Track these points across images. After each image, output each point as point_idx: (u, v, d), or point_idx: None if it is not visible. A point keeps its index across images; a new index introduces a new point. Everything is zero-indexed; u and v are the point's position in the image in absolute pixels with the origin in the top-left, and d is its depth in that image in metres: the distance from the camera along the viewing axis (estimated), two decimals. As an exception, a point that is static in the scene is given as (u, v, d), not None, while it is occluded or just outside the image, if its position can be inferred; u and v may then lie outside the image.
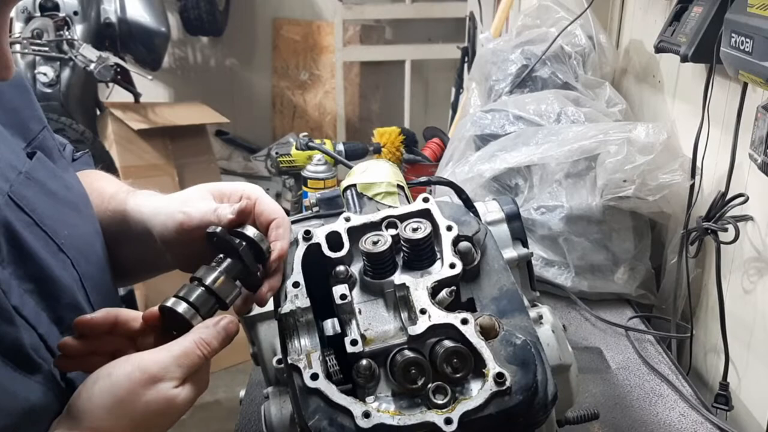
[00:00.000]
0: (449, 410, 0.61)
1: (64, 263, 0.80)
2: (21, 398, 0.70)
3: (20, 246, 0.75)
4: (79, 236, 0.85)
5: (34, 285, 0.76)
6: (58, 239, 0.80)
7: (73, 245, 0.82)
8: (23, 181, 0.79)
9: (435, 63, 4.32)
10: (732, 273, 1.33)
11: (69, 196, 0.87)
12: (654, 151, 1.42)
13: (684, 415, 1.17)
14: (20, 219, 0.76)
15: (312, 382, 0.63)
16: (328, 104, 4.50)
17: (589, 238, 1.51)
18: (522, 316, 0.68)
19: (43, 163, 0.84)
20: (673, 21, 1.44)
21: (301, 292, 0.69)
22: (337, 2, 4.13)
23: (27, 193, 0.78)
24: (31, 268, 0.76)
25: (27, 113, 0.86)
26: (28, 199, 0.78)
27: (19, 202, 0.76)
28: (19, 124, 0.84)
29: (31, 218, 0.77)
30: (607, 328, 1.44)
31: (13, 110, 0.84)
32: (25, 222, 0.76)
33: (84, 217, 0.89)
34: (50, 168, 0.85)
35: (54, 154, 0.89)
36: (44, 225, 0.79)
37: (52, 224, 0.80)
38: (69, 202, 0.86)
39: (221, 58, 4.62)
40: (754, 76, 1.05)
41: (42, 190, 0.81)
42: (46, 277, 0.77)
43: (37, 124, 0.87)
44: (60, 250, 0.80)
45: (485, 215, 0.88)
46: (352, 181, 0.86)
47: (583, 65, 1.79)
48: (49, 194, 0.82)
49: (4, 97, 0.83)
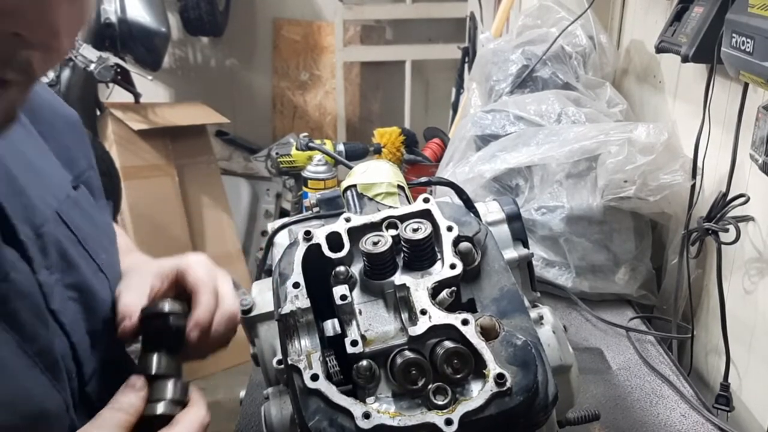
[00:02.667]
0: (450, 411, 0.61)
1: (102, 282, 0.84)
2: (37, 401, 0.70)
3: (67, 257, 0.78)
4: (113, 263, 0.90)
5: (77, 294, 0.79)
6: (98, 260, 0.85)
7: (109, 270, 0.87)
8: (69, 203, 0.83)
9: (435, 63, 4.32)
10: (733, 273, 1.33)
11: (105, 228, 0.92)
12: (655, 151, 1.42)
13: (685, 415, 1.17)
14: (66, 235, 0.80)
15: (312, 383, 0.62)
16: (328, 104, 4.50)
17: (590, 239, 1.51)
18: (523, 317, 0.68)
19: (85, 195, 0.89)
20: (674, 21, 1.44)
21: (301, 293, 0.69)
22: (338, 2, 4.13)
23: (72, 214, 0.82)
24: (75, 278, 0.79)
25: (77, 152, 0.91)
26: (73, 219, 0.82)
27: (66, 219, 0.81)
28: (69, 160, 0.89)
29: (75, 236, 0.81)
30: (608, 329, 1.44)
31: (65, 146, 0.89)
32: (70, 239, 0.80)
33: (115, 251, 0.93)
34: (92, 201, 0.90)
35: (95, 194, 0.93)
36: (86, 245, 0.83)
37: (93, 246, 0.84)
38: (105, 232, 0.91)
39: (221, 58, 4.62)
40: (754, 77, 1.05)
41: (84, 215, 0.86)
42: (87, 289, 0.80)
43: (85, 163, 0.92)
44: (99, 270, 0.84)
45: (486, 216, 0.88)
46: (353, 182, 0.86)
47: (584, 65, 1.78)
48: (90, 220, 0.87)
49: (59, 134, 0.89)
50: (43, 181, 0.81)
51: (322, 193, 0.92)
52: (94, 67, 2.82)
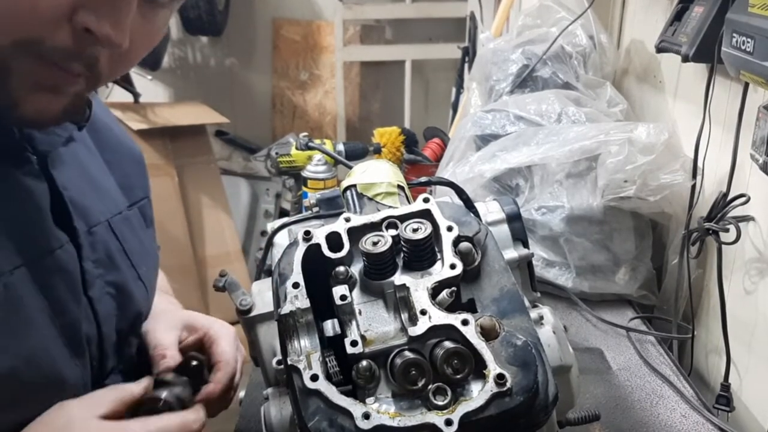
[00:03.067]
0: (449, 411, 0.61)
1: (140, 289, 0.93)
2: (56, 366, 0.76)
3: (112, 257, 0.87)
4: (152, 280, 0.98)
5: (116, 292, 0.87)
6: (139, 270, 0.93)
7: (148, 281, 0.96)
8: (121, 219, 0.93)
9: (435, 63, 4.32)
10: (733, 273, 1.33)
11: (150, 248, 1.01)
12: (655, 151, 1.42)
13: (685, 416, 1.17)
14: (113, 242, 0.89)
15: (312, 383, 0.62)
16: (328, 104, 4.50)
17: (590, 239, 1.51)
18: (523, 317, 0.67)
19: (137, 217, 0.98)
20: (674, 21, 1.44)
21: (301, 293, 0.69)
22: (337, 2, 4.13)
23: (121, 227, 0.92)
24: (117, 277, 0.88)
25: (136, 181, 1.01)
26: (121, 232, 0.92)
27: (115, 230, 0.90)
28: (128, 187, 0.98)
29: (121, 246, 0.91)
30: (608, 329, 1.43)
31: (126, 174, 0.98)
32: (116, 246, 0.90)
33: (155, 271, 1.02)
34: (142, 224, 0.99)
35: (147, 221, 1.02)
36: (131, 255, 0.92)
37: (136, 258, 0.93)
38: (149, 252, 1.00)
39: (221, 58, 4.62)
40: (755, 76, 1.04)
41: (132, 232, 0.95)
42: (126, 290, 0.89)
43: (141, 192, 1.01)
44: (139, 279, 0.93)
45: (486, 216, 0.87)
46: (352, 182, 0.85)
47: (584, 65, 1.78)
48: (137, 237, 0.96)
49: (122, 163, 0.98)
50: (101, 194, 0.90)
51: (322, 193, 0.91)
52: (93, 67, 2.81)
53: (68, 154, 0.85)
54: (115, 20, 0.66)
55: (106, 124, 0.98)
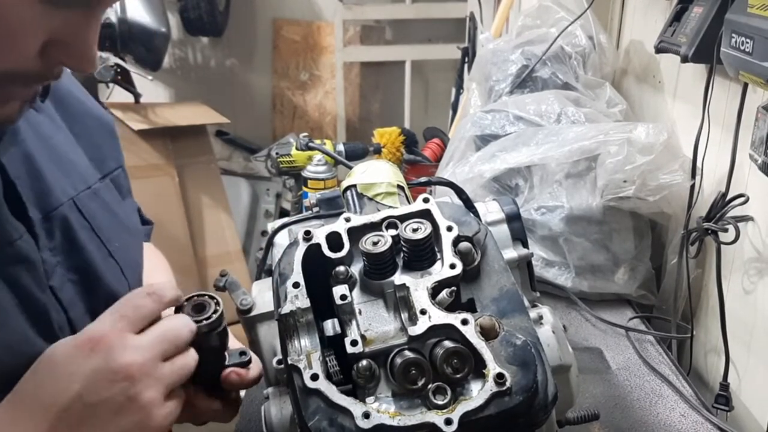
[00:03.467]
0: (449, 411, 0.61)
1: (114, 268, 0.89)
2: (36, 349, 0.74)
3: (73, 240, 0.83)
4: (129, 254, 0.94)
5: (78, 276, 0.84)
6: (110, 246, 0.89)
7: (122, 257, 0.91)
8: (89, 194, 0.89)
9: (435, 63, 4.32)
10: (732, 273, 1.33)
11: (127, 222, 0.97)
12: (654, 151, 1.42)
13: (684, 415, 1.17)
14: (78, 221, 0.85)
15: (312, 383, 0.63)
16: (328, 104, 4.50)
17: (590, 239, 1.51)
18: (522, 317, 0.68)
19: (110, 189, 0.94)
20: (674, 21, 1.44)
21: (301, 293, 0.69)
22: (337, 2, 4.13)
23: (90, 205, 0.88)
24: (79, 261, 0.84)
25: (108, 152, 0.97)
26: (89, 209, 0.87)
27: (81, 208, 0.86)
28: (99, 158, 0.94)
29: (88, 223, 0.86)
30: (608, 329, 1.44)
31: (96, 145, 0.95)
32: (82, 224, 0.85)
33: (136, 244, 0.98)
34: (115, 196, 0.96)
35: (123, 192, 0.99)
36: (99, 232, 0.88)
37: (107, 234, 0.89)
38: (126, 227, 0.96)
39: (221, 58, 4.62)
40: (754, 77, 1.05)
41: (104, 207, 0.91)
42: (91, 272, 0.85)
43: (114, 162, 0.98)
44: (110, 256, 0.89)
45: (485, 215, 0.88)
46: (353, 182, 0.86)
47: (584, 65, 1.79)
48: (110, 212, 0.92)
49: (91, 134, 0.95)
50: (65, 170, 0.86)
51: (322, 193, 0.92)
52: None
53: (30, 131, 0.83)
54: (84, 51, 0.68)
55: (73, 94, 0.95)
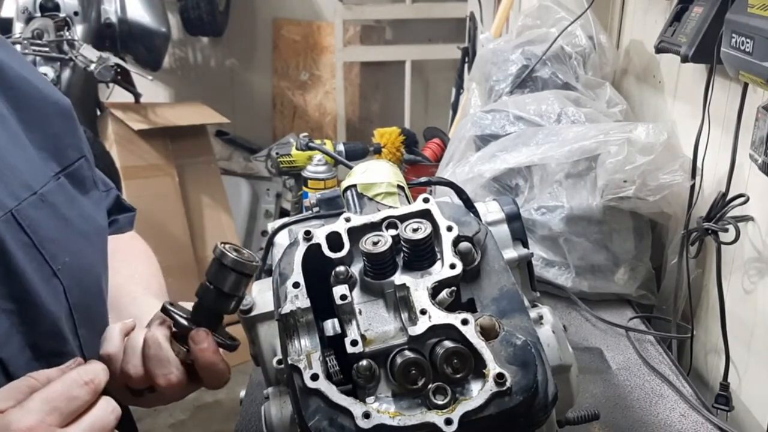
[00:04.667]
0: (449, 411, 0.61)
1: (55, 290, 0.80)
2: None
3: (9, 265, 0.75)
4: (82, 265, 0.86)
5: (14, 306, 0.76)
6: (55, 264, 0.81)
7: (70, 273, 0.83)
8: (34, 201, 0.80)
9: (435, 63, 4.32)
10: (732, 273, 1.33)
11: (83, 225, 0.88)
12: (654, 151, 1.42)
13: (684, 415, 1.17)
14: (17, 238, 0.76)
15: (312, 383, 0.63)
16: (328, 104, 4.50)
17: (590, 239, 1.51)
18: (522, 317, 0.68)
19: (64, 189, 0.85)
20: (674, 21, 1.44)
21: (301, 293, 0.69)
22: (337, 2, 4.13)
23: (34, 214, 0.79)
24: (15, 289, 0.75)
25: (68, 141, 0.89)
26: (33, 220, 0.79)
27: (22, 221, 0.77)
28: (57, 150, 0.86)
29: (30, 239, 0.78)
30: (608, 329, 1.44)
31: (54, 135, 0.87)
32: (22, 242, 0.77)
33: (93, 248, 0.90)
34: (71, 195, 0.87)
35: (86, 185, 0.91)
36: (43, 248, 0.79)
37: (53, 248, 0.80)
38: (81, 231, 0.87)
39: (221, 58, 4.62)
40: (754, 77, 1.05)
41: (53, 213, 0.82)
42: (29, 301, 0.77)
43: (75, 152, 0.90)
44: (54, 275, 0.80)
45: (485, 215, 0.87)
46: (353, 182, 0.86)
47: (584, 65, 1.78)
48: (61, 219, 0.83)
49: (50, 123, 0.86)
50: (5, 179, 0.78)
51: (322, 193, 0.92)
52: (94, 67, 2.82)
53: None
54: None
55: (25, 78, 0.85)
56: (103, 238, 0.93)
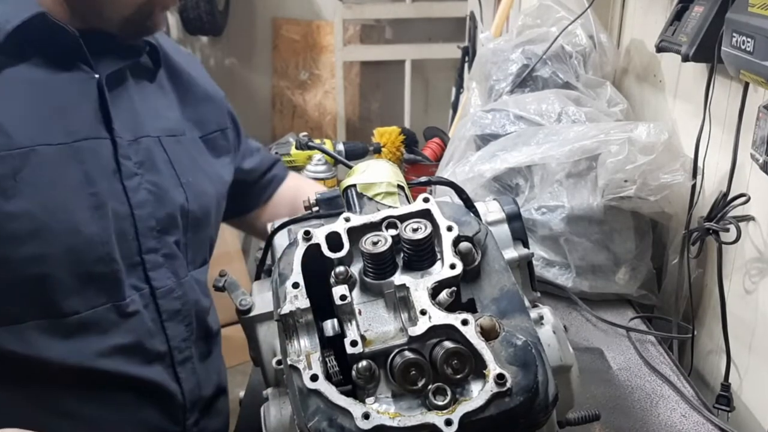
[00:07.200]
0: (449, 411, 0.60)
1: (180, 195, 1.11)
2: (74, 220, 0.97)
3: (154, 164, 1.09)
4: (199, 189, 1.16)
5: (154, 188, 1.07)
6: (182, 179, 1.12)
7: (191, 189, 1.13)
8: (173, 140, 1.14)
9: (435, 63, 4.32)
10: (733, 273, 1.33)
11: (206, 167, 1.21)
12: (655, 151, 1.41)
13: (685, 415, 1.17)
14: (159, 154, 1.11)
15: (312, 383, 0.62)
16: (327, 104, 4.50)
17: (590, 239, 1.51)
18: (523, 317, 0.67)
19: (197, 145, 1.21)
20: (674, 20, 1.44)
21: (301, 293, 0.69)
22: (337, 2, 4.13)
23: (172, 146, 1.13)
24: (157, 179, 1.08)
25: (211, 117, 1.26)
26: (171, 148, 1.13)
27: (164, 145, 1.12)
28: (200, 122, 1.23)
29: (168, 157, 1.11)
30: (608, 329, 1.43)
31: (201, 111, 1.24)
32: (162, 157, 1.11)
33: (212, 185, 1.21)
34: (203, 151, 1.22)
35: (219, 151, 1.26)
36: (174, 164, 1.12)
37: (181, 168, 1.13)
38: (203, 170, 1.19)
39: (221, 57, 4.62)
40: (755, 76, 1.04)
41: (186, 151, 1.16)
42: (164, 190, 1.09)
43: (214, 125, 1.27)
44: (180, 185, 1.12)
45: (486, 215, 0.87)
46: (352, 181, 0.85)
47: (584, 65, 1.78)
48: (191, 157, 1.17)
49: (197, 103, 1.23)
50: (158, 118, 1.13)
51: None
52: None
53: (137, 89, 1.12)
54: None
55: (189, 75, 1.24)
56: (219, 186, 1.23)
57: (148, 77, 1.16)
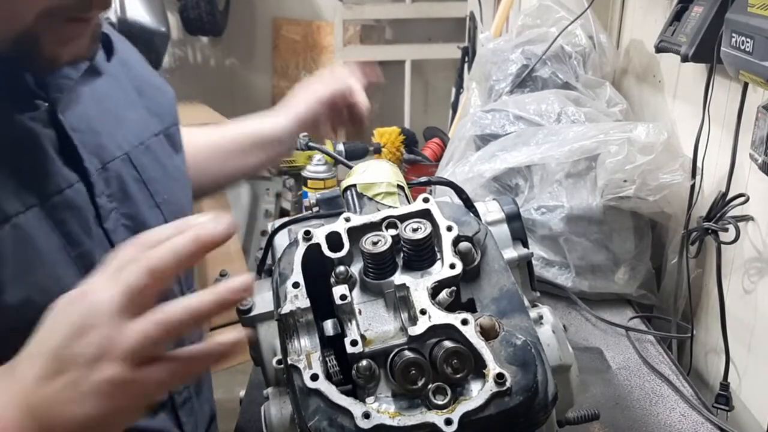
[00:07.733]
0: (449, 411, 0.61)
1: (157, 217, 1.01)
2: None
3: (126, 191, 0.96)
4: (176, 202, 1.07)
5: (130, 222, 0.95)
6: (157, 198, 1.02)
7: (168, 207, 1.04)
8: (142, 149, 1.01)
9: (435, 63, 4.32)
10: (732, 273, 1.33)
11: (175, 173, 1.10)
12: (654, 151, 1.42)
13: (684, 415, 1.17)
14: (131, 174, 0.98)
15: (312, 383, 0.62)
16: (328, 104, 4.49)
17: (590, 239, 1.51)
18: (522, 317, 0.68)
19: (162, 144, 1.08)
20: (674, 21, 1.44)
21: (301, 293, 0.69)
22: (337, 2, 4.13)
23: (142, 158, 1.01)
24: (131, 209, 0.96)
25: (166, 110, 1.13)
26: (141, 162, 1.00)
27: (134, 161, 0.99)
28: (159, 114, 1.10)
29: (139, 175, 0.99)
30: (608, 329, 1.44)
31: (158, 102, 1.11)
32: (134, 177, 0.98)
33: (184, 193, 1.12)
34: (167, 150, 1.10)
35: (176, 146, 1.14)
36: (148, 183, 1.00)
37: (155, 186, 1.02)
38: (174, 177, 1.09)
39: (221, 58, 4.63)
40: (754, 76, 1.05)
41: (155, 160, 1.04)
42: (141, 220, 0.97)
43: (171, 119, 1.13)
44: (156, 206, 1.01)
45: (485, 215, 0.87)
46: (352, 182, 0.86)
47: (584, 65, 1.78)
48: (161, 165, 1.05)
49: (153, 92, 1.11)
50: (122, 126, 0.99)
51: (322, 193, 0.91)
52: (93, 67, 2.81)
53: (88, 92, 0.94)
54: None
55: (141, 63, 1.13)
56: (188, 189, 1.15)
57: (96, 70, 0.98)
